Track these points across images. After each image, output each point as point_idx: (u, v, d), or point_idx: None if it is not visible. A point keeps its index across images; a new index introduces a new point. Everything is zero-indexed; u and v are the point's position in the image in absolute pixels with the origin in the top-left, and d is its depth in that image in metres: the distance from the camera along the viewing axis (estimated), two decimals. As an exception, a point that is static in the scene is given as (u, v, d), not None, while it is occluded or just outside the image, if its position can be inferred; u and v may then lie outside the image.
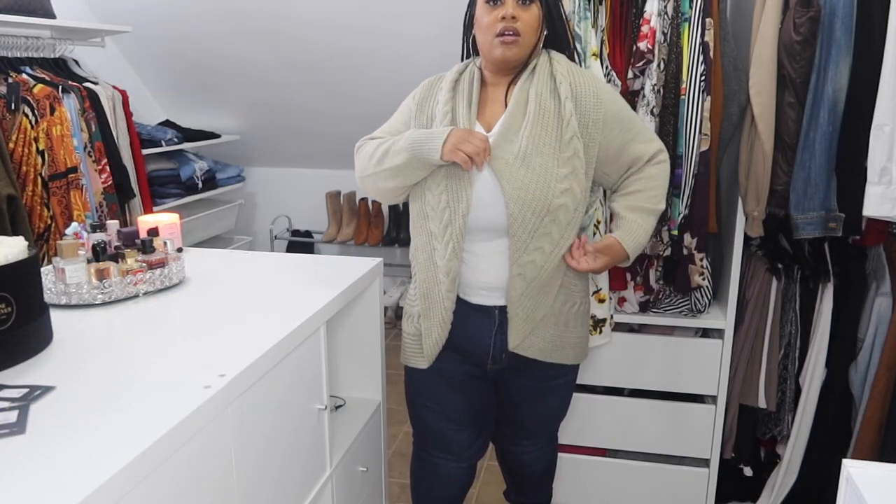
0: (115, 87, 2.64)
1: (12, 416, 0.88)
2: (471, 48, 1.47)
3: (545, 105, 1.34)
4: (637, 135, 1.40)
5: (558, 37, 1.43)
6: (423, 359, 1.50)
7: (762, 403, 1.90)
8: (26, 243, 1.10)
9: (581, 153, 1.34)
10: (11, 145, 2.18)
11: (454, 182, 1.35)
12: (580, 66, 1.65)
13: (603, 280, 1.79)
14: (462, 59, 1.49)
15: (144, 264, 1.39)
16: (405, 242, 3.69)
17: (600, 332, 1.81)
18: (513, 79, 1.40)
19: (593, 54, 1.67)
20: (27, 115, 2.21)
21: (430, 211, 1.38)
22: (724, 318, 1.88)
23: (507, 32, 1.31)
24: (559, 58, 1.40)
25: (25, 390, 0.96)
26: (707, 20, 1.60)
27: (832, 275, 1.82)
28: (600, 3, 1.70)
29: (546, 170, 1.31)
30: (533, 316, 1.41)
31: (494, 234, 1.36)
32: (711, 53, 1.62)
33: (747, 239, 1.83)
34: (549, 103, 1.35)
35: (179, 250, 1.53)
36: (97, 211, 2.43)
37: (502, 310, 1.41)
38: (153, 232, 1.47)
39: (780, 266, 1.88)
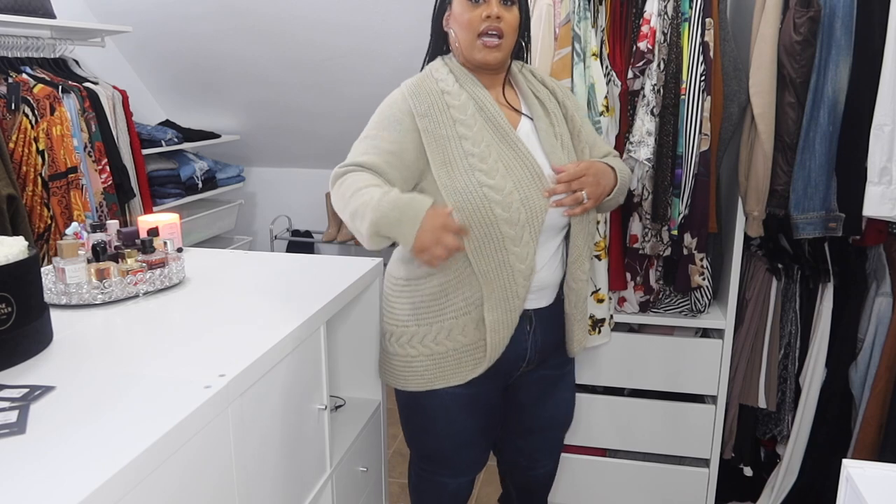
0: (115, 87, 2.64)
1: (12, 416, 0.88)
2: (437, 46, 1.42)
3: (555, 107, 1.41)
4: (598, 137, 1.51)
5: (523, 48, 1.46)
6: (475, 368, 1.37)
7: (762, 403, 1.90)
8: (26, 243, 1.10)
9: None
10: (11, 145, 2.18)
11: (522, 179, 1.30)
12: (581, 65, 1.66)
13: (602, 280, 1.79)
14: (429, 56, 1.43)
15: (144, 264, 1.39)
16: (405, 242, 3.67)
17: (599, 331, 1.81)
18: (504, 80, 1.40)
19: (593, 54, 1.67)
20: (27, 115, 2.21)
21: (500, 212, 1.27)
22: (724, 318, 1.88)
23: (490, 32, 1.29)
24: (529, 66, 1.48)
25: (25, 390, 0.96)
26: (707, 20, 1.60)
27: (832, 275, 1.82)
28: (600, 3, 1.70)
29: None
30: (586, 311, 1.48)
31: (551, 236, 1.36)
32: (711, 53, 1.62)
33: (747, 239, 1.83)
34: (556, 105, 1.41)
35: (179, 250, 1.53)
36: (97, 211, 2.43)
37: (537, 311, 1.40)
38: (153, 232, 1.47)
39: (780, 266, 1.88)
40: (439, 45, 1.43)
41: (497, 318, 1.33)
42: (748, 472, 2.04)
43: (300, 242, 3.94)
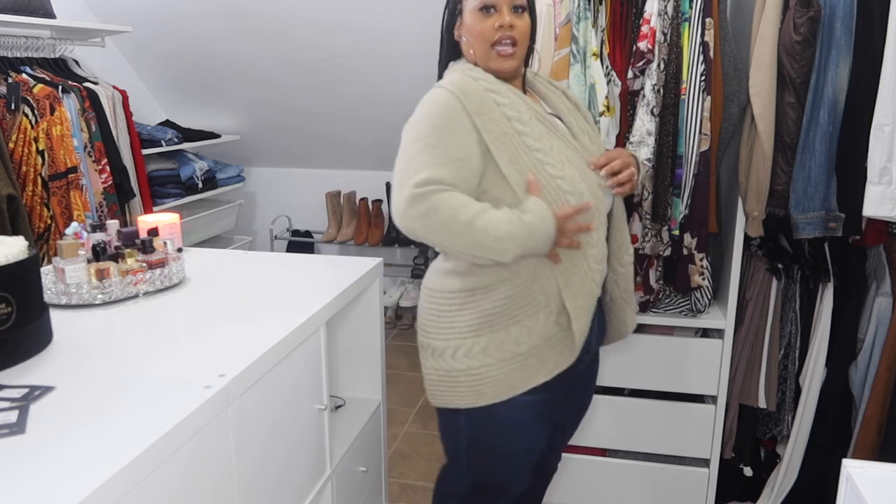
0: (115, 87, 2.64)
1: (12, 416, 0.88)
2: (450, 54, 1.40)
3: (572, 107, 1.44)
4: None
5: (534, 52, 1.46)
6: (558, 363, 1.33)
7: (762, 403, 1.90)
8: (26, 243, 1.10)
9: None
10: (11, 145, 2.18)
11: (581, 169, 1.32)
12: (577, 66, 1.67)
13: (603, 280, 1.79)
14: (443, 65, 1.41)
15: (144, 264, 1.39)
16: (405, 242, 3.68)
17: (600, 332, 1.81)
18: (521, 85, 1.41)
19: (593, 54, 1.67)
20: (27, 115, 2.21)
21: (573, 201, 1.27)
22: (724, 318, 1.88)
23: (505, 41, 1.29)
24: (537, 71, 1.51)
25: (25, 390, 0.96)
26: (707, 20, 1.60)
27: (832, 275, 1.82)
28: (600, 3, 1.70)
29: None
30: (632, 292, 1.51)
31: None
32: (711, 53, 1.62)
33: (747, 239, 1.83)
34: (572, 106, 1.44)
35: (179, 250, 1.53)
36: (97, 211, 2.43)
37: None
38: (153, 232, 1.47)
39: (780, 266, 1.88)
40: (451, 53, 1.40)
41: (580, 305, 1.31)
42: (748, 472, 2.04)
43: (300, 242, 3.94)
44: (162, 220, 1.57)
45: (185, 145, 3.28)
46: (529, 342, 1.30)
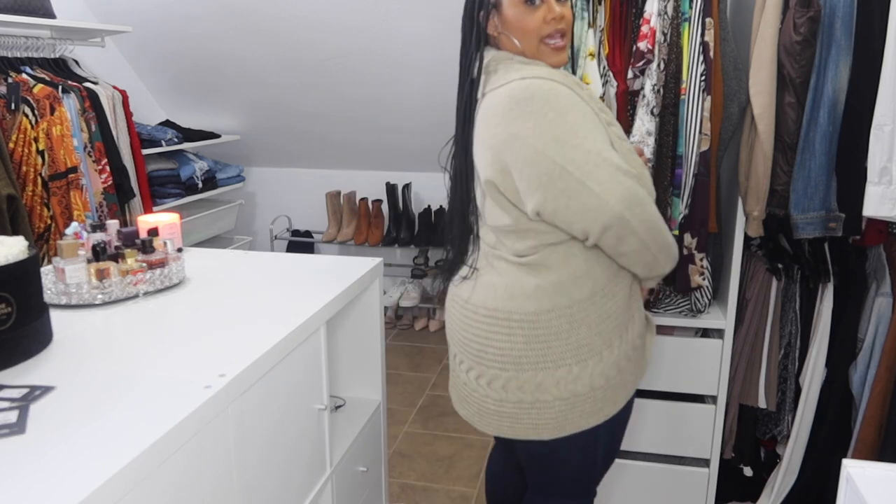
0: (115, 87, 2.64)
1: (12, 416, 0.88)
2: (478, 48, 1.26)
3: None
4: None
5: None
6: (653, 337, 1.36)
7: (762, 403, 1.90)
8: (26, 243, 1.10)
9: None
10: (11, 145, 2.18)
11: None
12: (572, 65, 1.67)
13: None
14: (468, 60, 1.29)
15: (144, 264, 1.39)
16: (405, 242, 3.68)
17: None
18: None
19: (590, 54, 1.67)
20: (27, 115, 2.21)
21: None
22: (724, 318, 1.88)
23: (556, 35, 1.21)
24: None
25: (25, 390, 0.96)
26: (707, 20, 1.60)
27: (832, 275, 1.82)
28: (599, 3, 1.70)
29: None
30: None
31: None
32: (711, 53, 1.62)
33: (747, 239, 1.83)
34: None
35: (179, 250, 1.53)
36: (97, 211, 2.44)
37: None
38: (153, 232, 1.47)
39: (780, 266, 1.88)
40: (479, 47, 1.26)
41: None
42: (748, 472, 2.04)
43: (300, 242, 3.94)
44: (162, 220, 1.57)
45: (185, 145, 3.28)
46: (643, 335, 1.30)
